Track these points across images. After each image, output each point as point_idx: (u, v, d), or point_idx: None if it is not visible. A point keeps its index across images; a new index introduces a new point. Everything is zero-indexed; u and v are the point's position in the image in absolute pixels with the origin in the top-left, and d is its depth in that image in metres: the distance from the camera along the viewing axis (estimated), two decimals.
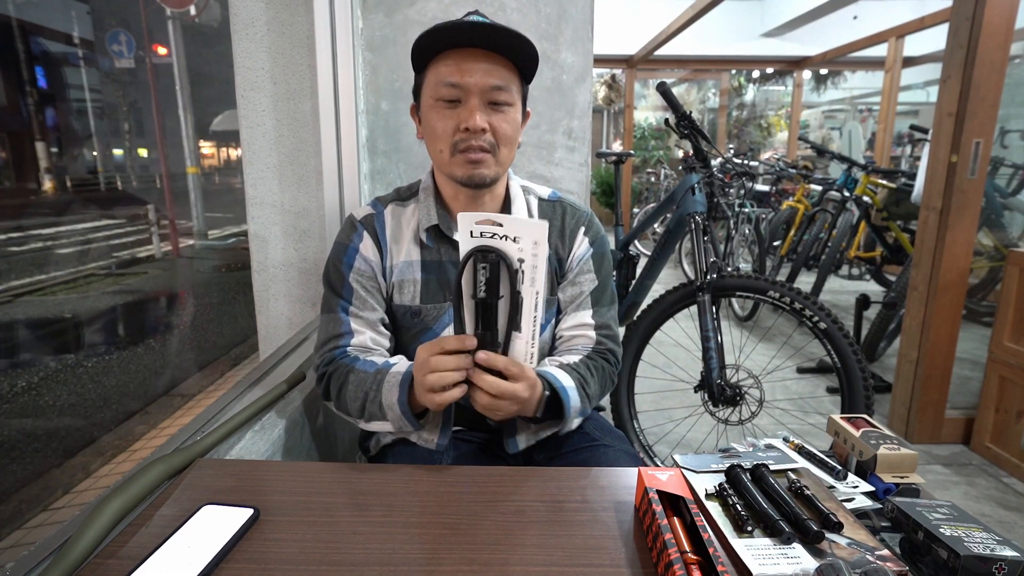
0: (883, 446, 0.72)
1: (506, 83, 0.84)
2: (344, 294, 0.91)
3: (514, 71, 0.86)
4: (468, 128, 0.83)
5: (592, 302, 0.97)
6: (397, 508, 0.64)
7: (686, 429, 2.06)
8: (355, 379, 0.85)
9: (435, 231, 0.92)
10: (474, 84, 0.82)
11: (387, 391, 0.82)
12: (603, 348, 0.96)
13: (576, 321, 0.96)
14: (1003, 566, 0.52)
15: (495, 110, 0.85)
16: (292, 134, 1.42)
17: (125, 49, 9.60)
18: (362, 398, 0.84)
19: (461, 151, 0.85)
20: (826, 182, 3.84)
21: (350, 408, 0.86)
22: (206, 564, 0.53)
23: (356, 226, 0.93)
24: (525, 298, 0.71)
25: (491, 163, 0.86)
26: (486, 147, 0.85)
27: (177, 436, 0.82)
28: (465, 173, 0.86)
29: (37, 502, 2.02)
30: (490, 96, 0.84)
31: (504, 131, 0.85)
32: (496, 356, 0.72)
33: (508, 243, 0.69)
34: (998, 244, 2.87)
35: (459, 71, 0.82)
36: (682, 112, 1.77)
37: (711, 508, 0.61)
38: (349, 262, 0.92)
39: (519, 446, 0.89)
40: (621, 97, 8.86)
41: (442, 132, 0.85)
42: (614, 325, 0.99)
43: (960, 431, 2.17)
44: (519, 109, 0.88)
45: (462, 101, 0.84)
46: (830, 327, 1.57)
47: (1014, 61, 2.02)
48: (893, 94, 5.44)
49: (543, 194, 1.00)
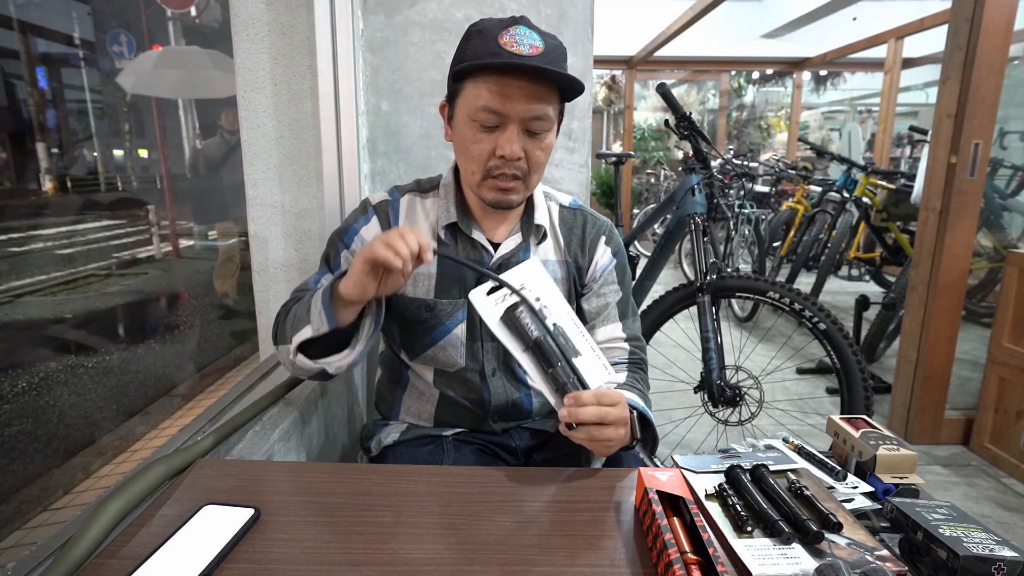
0: (882, 447, 0.72)
1: (548, 111, 0.82)
2: (332, 267, 0.92)
3: (556, 93, 0.83)
4: (504, 156, 0.82)
5: (620, 314, 0.98)
6: (397, 508, 0.65)
7: (686, 430, 2.06)
8: (296, 306, 0.85)
9: (453, 227, 0.92)
10: (515, 113, 0.80)
11: (316, 298, 0.80)
12: (637, 358, 0.98)
13: (608, 335, 0.97)
14: (1002, 566, 0.52)
15: (531, 136, 0.83)
16: (292, 135, 1.43)
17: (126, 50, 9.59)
18: (294, 312, 0.83)
19: (493, 176, 0.84)
20: (826, 183, 3.84)
21: (286, 332, 0.84)
22: (207, 564, 0.53)
23: (368, 210, 0.94)
24: (564, 324, 0.76)
25: (520, 189, 0.86)
26: (518, 174, 0.84)
27: (178, 436, 0.82)
28: (494, 198, 0.86)
29: (38, 502, 2.02)
30: (529, 125, 0.82)
31: (537, 158, 0.84)
32: (580, 393, 0.71)
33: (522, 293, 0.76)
34: (997, 245, 2.88)
35: (502, 99, 0.79)
36: (682, 113, 1.77)
37: (711, 508, 0.61)
38: (347, 242, 0.92)
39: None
40: (621, 98, 8.87)
41: (476, 155, 0.84)
42: (641, 335, 1.02)
43: (959, 432, 2.17)
44: (555, 131, 0.87)
45: (500, 127, 0.82)
46: (830, 328, 1.58)
47: (1013, 62, 2.02)
48: (892, 95, 5.44)
49: (564, 201, 1.00)
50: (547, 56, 0.79)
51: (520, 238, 0.93)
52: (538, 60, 0.77)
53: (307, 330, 0.80)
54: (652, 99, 9.95)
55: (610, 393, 0.73)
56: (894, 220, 3.30)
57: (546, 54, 0.79)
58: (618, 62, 6.72)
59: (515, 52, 0.78)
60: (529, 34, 0.80)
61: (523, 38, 0.79)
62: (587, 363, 0.75)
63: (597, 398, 0.71)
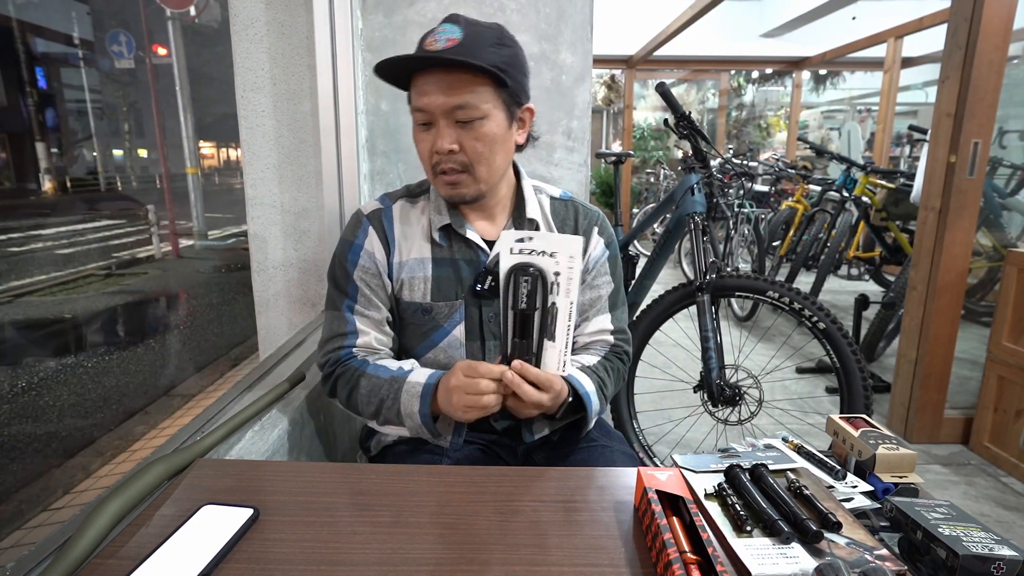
0: (882, 446, 0.72)
1: (471, 99, 0.81)
2: (349, 292, 0.91)
3: (484, 80, 0.81)
4: (437, 151, 0.84)
5: (610, 306, 0.99)
6: (397, 508, 0.65)
7: (685, 429, 2.06)
8: (367, 384, 0.86)
9: (447, 229, 0.92)
10: (437, 107, 0.81)
11: (407, 400, 0.84)
12: (619, 350, 0.99)
13: (596, 327, 0.97)
14: (1001, 565, 0.52)
15: (464, 128, 0.83)
16: (292, 135, 1.43)
17: (125, 50, 9.60)
18: (377, 404, 0.86)
19: (440, 172, 0.86)
20: (825, 182, 3.84)
21: (362, 411, 0.88)
22: (206, 564, 0.53)
23: (362, 222, 0.93)
24: (560, 309, 0.76)
25: (468, 182, 0.86)
26: (458, 167, 0.84)
27: (177, 436, 0.82)
28: (447, 193, 0.89)
29: (37, 502, 2.02)
30: (455, 115, 0.82)
31: (474, 149, 0.84)
32: (529, 368, 0.76)
33: (545, 258, 0.75)
34: (997, 244, 2.87)
35: (420, 95, 0.82)
36: (681, 112, 1.77)
37: (710, 508, 0.61)
38: (354, 259, 0.91)
39: (535, 436, 0.92)
40: (620, 97, 8.86)
41: (422, 153, 0.87)
42: (627, 326, 1.02)
43: (959, 431, 2.18)
44: (498, 118, 0.84)
45: (433, 123, 0.83)
46: (829, 327, 1.58)
47: (1012, 61, 2.02)
48: (892, 94, 5.44)
49: (555, 193, 1.01)
50: (463, 47, 0.78)
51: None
52: (451, 52, 0.78)
53: (402, 430, 0.87)
54: (652, 98, 9.95)
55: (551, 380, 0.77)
56: (893, 219, 3.30)
57: (463, 44, 0.79)
58: (618, 61, 6.72)
59: (429, 49, 0.80)
60: (450, 29, 0.81)
61: (442, 34, 0.80)
62: (553, 352, 0.78)
63: (537, 377, 0.76)
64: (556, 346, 0.77)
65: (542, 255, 0.74)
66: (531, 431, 0.92)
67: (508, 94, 0.85)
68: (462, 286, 0.91)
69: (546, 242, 0.74)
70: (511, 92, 0.85)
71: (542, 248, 0.74)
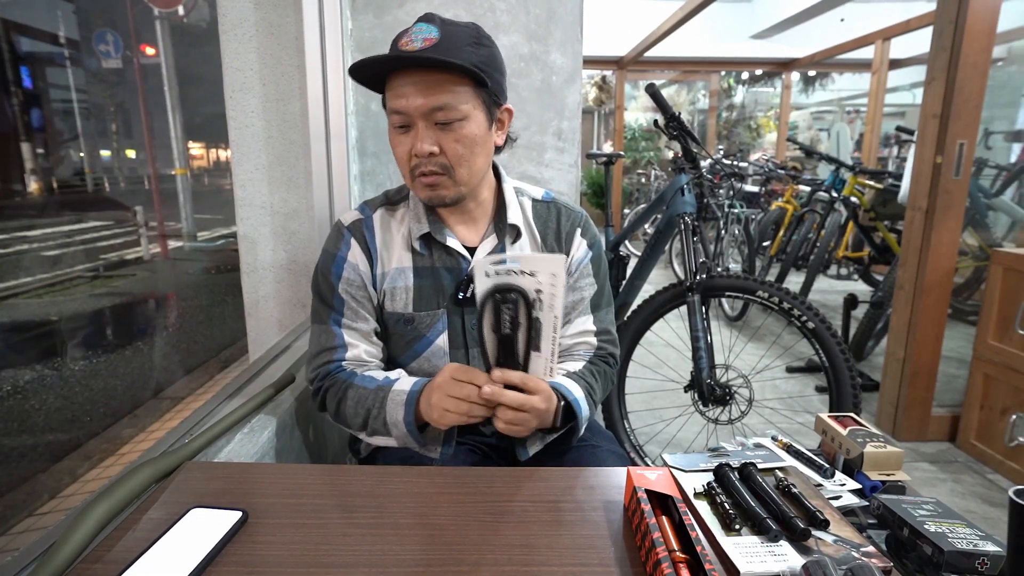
0: (870, 444, 0.73)
1: (450, 99, 0.79)
2: (335, 305, 0.90)
3: (463, 81, 0.80)
4: (416, 154, 0.82)
5: (592, 307, 0.97)
6: (387, 510, 0.64)
7: (676, 429, 2.07)
8: (354, 395, 0.85)
9: (427, 237, 0.91)
10: (415, 108, 0.79)
11: (391, 409, 0.82)
12: (604, 352, 0.97)
13: (578, 328, 0.96)
14: (986, 561, 0.52)
15: (444, 129, 0.81)
16: (281, 135, 1.42)
17: (112, 49, 9.51)
18: (364, 415, 0.85)
19: (419, 175, 0.84)
20: (814, 183, 3.87)
21: (351, 423, 0.87)
22: (194, 567, 0.53)
23: (343, 233, 0.92)
24: (544, 323, 0.73)
25: (448, 184, 0.84)
26: (438, 170, 0.83)
27: (165, 439, 0.81)
28: (426, 196, 0.87)
29: (23, 507, 1.99)
30: (434, 117, 0.80)
31: (454, 151, 0.82)
32: (510, 372, 0.74)
33: (525, 277, 0.71)
34: (982, 244, 2.91)
35: (398, 97, 0.80)
36: (671, 113, 1.77)
37: (699, 507, 0.62)
38: (338, 272, 0.90)
39: (529, 453, 0.88)
40: (611, 98, 8.89)
41: (400, 156, 0.85)
42: (612, 327, 1.00)
43: (946, 428, 2.20)
44: (478, 119, 0.83)
45: (411, 125, 0.82)
46: (818, 327, 1.59)
47: (997, 63, 2.05)
48: (880, 96, 5.50)
49: (536, 195, 0.99)
50: (441, 46, 0.77)
51: (495, 240, 0.92)
52: (430, 52, 0.77)
53: (390, 440, 0.85)
54: (643, 99, 9.99)
55: (537, 381, 0.75)
56: (882, 219, 3.33)
57: (440, 44, 0.77)
58: (608, 62, 6.74)
59: (405, 49, 0.78)
60: (426, 28, 0.79)
61: (418, 34, 0.79)
62: (539, 360, 0.76)
63: (522, 380, 0.73)
64: (542, 355, 0.75)
65: (521, 274, 0.72)
66: (526, 448, 0.89)
67: (487, 94, 0.84)
68: (444, 295, 0.90)
69: (525, 263, 0.71)
70: (490, 92, 0.84)
71: (521, 269, 0.72)
